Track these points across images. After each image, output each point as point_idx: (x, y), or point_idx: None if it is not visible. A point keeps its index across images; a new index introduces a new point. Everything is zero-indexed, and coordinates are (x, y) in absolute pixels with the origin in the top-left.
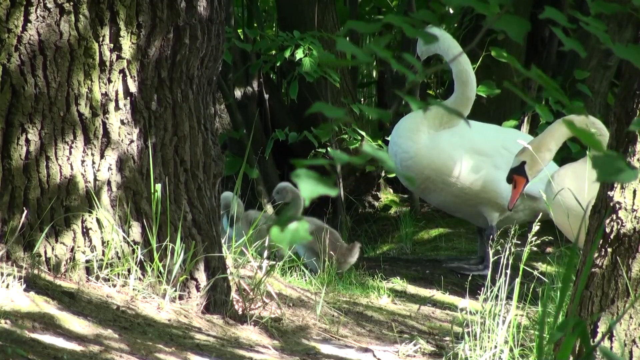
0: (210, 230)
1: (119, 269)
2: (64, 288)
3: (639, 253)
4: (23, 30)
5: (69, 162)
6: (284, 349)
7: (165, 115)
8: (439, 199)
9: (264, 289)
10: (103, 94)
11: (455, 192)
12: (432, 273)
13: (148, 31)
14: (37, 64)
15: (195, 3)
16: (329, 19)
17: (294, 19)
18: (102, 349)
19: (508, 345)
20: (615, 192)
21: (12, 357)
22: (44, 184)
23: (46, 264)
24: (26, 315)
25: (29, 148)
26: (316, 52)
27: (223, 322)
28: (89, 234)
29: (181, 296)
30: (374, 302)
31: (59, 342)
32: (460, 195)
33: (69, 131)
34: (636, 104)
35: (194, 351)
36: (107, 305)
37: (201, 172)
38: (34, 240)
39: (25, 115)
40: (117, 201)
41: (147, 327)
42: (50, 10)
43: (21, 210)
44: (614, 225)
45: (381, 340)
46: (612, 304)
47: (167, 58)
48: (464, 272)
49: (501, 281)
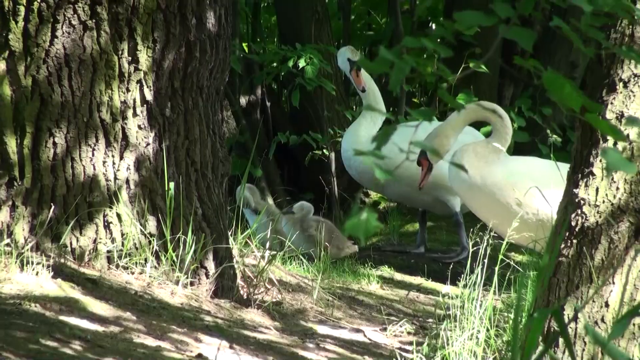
0: (218, 223)
1: (137, 258)
2: (88, 275)
3: (601, 244)
4: (50, 44)
5: (91, 162)
6: (284, 329)
7: (178, 121)
8: (395, 191)
9: (266, 276)
10: (122, 102)
11: (407, 182)
12: (416, 262)
13: (162, 45)
14: (63, 75)
15: (204, 20)
16: (324, 34)
17: (293, 34)
18: (122, 330)
19: (484, 326)
20: (580, 190)
21: (42, 337)
22: (69, 182)
23: (71, 254)
24: (54, 300)
25: (56, 150)
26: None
27: (230, 305)
28: (109, 227)
29: (192, 283)
30: (365, 287)
31: (83, 324)
32: (412, 185)
33: (91, 135)
34: None
35: (203, 332)
36: (126, 291)
37: (210, 171)
38: (60, 232)
39: (53, 120)
40: (135, 198)
41: (162, 310)
42: (75, 27)
43: (49, 205)
44: (578, 219)
45: (371, 322)
46: (577, 290)
47: (180, 69)
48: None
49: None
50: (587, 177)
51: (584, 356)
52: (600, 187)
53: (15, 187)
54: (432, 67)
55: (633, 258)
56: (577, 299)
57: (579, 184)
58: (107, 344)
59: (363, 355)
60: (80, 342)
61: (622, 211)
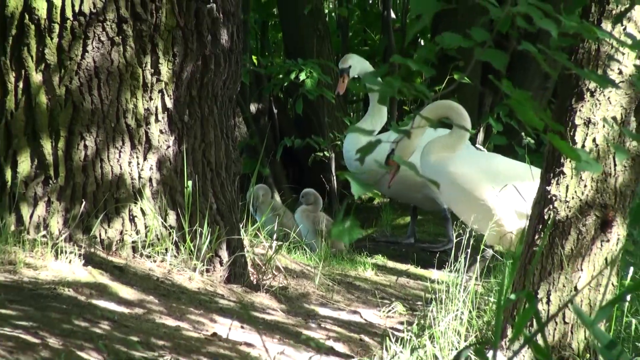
0: (231, 217)
1: (159, 248)
2: (115, 263)
3: (570, 235)
4: (82, 58)
5: (118, 163)
6: (289, 311)
7: (195, 126)
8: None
9: (273, 264)
10: (145, 109)
11: (399, 180)
12: (407, 251)
13: (181, 59)
14: (93, 85)
15: (218, 37)
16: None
17: (297, 49)
18: (145, 311)
19: (467, 308)
20: (552, 187)
21: (75, 318)
22: (98, 180)
23: (100, 244)
24: (85, 285)
25: (86, 152)
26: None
27: (241, 290)
28: (134, 220)
29: (207, 270)
30: (361, 274)
31: (111, 306)
32: (404, 182)
33: (118, 139)
34: (568, 117)
35: (218, 313)
36: (149, 277)
37: (224, 171)
38: (90, 225)
39: (84, 125)
40: (157, 194)
41: (181, 294)
42: (104, 43)
43: (81, 201)
44: (550, 214)
45: (367, 304)
46: (549, 276)
47: (197, 80)
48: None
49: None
50: (558, 175)
51: (555, 335)
52: (570, 185)
53: (51, 185)
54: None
55: (599, 248)
56: (549, 285)
57: (551, 182)
58: (132, 324)
59: (359, 334)
60: (108, 323)
61: (589, 206)
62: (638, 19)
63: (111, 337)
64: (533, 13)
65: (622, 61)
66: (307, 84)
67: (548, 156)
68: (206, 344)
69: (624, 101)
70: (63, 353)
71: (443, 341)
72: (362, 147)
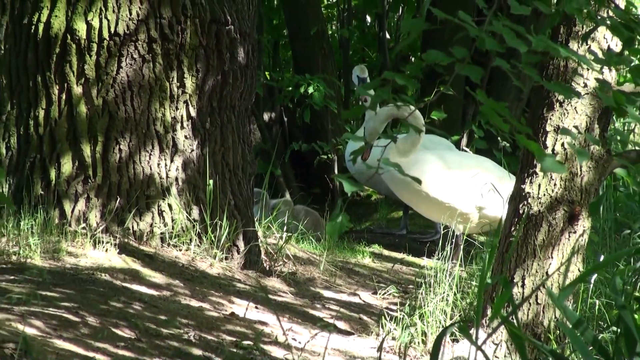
0: (247, 212)
1: (184, 239)
2: (145, 252)
3: (542, 227)
4: (117, 73)
5: (148, 164)
6: (297, 293)
7: (216, 132)
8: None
9: (284, 252)
10: (172, 118)
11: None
12: (400, 241)
13: (203, 74)
14: (126, 96)
15: (236, 55)
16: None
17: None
18: (172, 294)
19: (453, 291)
20: (526, 185)
21: (111, 299)
22: (131, 179)
23: (133, 235)
24: (119, 271)
25: (121, 155)
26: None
27: (255, 275)
28: (162, 214)
29: (226, 257)
30: (360, 261)
31: (142, 289)
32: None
33: (148, 143)
34: (540, 124)
35: (235, 295)
36: (175, 264)
37: (240, 171)
38: (124, 218)
39: (118, 132)
40: (182, 192)
41: (203, 279)
42: (136, 59)
43: (116, 197)
44: (525, 208)
45: (365, 288)
46: (523, 263)
47: (217, 93)
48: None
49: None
50: (531, 175)
51: (529, 314)
52: (542, 183)
53: (90, 183)
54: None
55: (567, 238)
56: (523, 270)
57: (525, 181)
58: (161, 305)
59: (359, 314)
60: (139, 304)
61: (559, 202)
62: (601, 39)
63: (142, 316)
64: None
65: (587, 76)
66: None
67: (523, 158)
68: (225, 322)
69: (589, 110)
70: (100, 330)
71: (431, 320)
72: (355, 150)
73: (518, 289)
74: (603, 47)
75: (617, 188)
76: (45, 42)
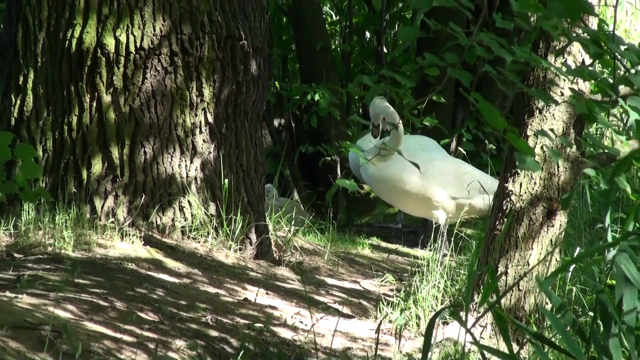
0: (259, 208)
1: (202, 232)
2: (168, 243)
3: (523, 222)
4: (142, 83)
5: (170, 165)
6: (304, 281)
7: (231, 137)
8: None
9: (292, 244)
10: (192, 123)
11: None
12: (396, 234)
13: (220, 84)
14: (150, 104)
15: (249, 67)
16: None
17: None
18: (192, 281)
19: (443, 279)
20: (509, 184)
21: (136, 286)
22: (155, 179)
23: (157, 229)
24: (144, 260)
25: (146, 157)
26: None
27: (266, 265)
28: (183, 210)
29: (240, 249)
30: (360, 252)
31: (165, 277)
32: None
33: (170, 146)
34: (522, 129)
35: (248, 282)
36: (194, 254)
37: (253, 171)
38: (149, 213)
39: (144, 136)
40: (201, 190)
41: (219, 268)
42: (159, 71)
43: (141, 195)
44: (508, 205)
45: (364, 276)
46: (507, 253)
47: (232, 101)
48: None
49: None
50: (514, 175)
51: (512, 300)
52: (523, 182)
53: (117, 182)
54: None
55: (546, 232)
56: (507, 260)
57: (508, 180)
58: (181, 291)
59: (359, 299)
60: (162, 290)
61: (538, 199)
62: (576, 53)
63: (165, 301)
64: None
65: (563, 85)
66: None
67: (506, 160)
68: (239, 307)
69: (565, 117)
70: (127, 313)
71: (424, 304)
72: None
73: (502, 277)
74: (578, 61)
75: (592, 187)
76: (78, 55)
